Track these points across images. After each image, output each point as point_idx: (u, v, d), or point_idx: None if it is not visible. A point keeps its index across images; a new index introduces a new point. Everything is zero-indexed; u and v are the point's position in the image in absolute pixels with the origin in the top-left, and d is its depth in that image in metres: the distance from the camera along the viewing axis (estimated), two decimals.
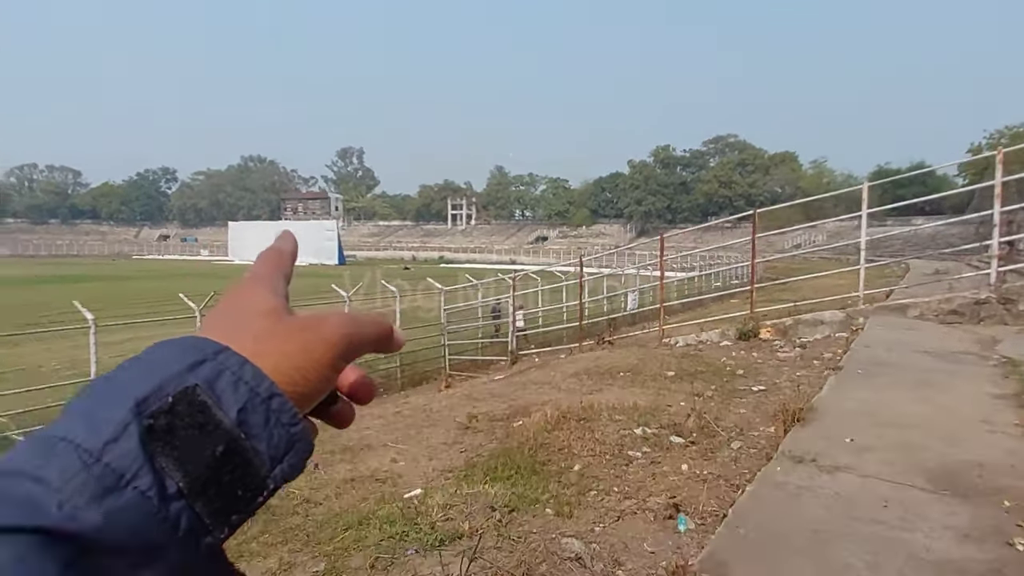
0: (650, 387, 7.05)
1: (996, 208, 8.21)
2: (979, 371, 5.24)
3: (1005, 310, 8.22)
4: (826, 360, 7.45)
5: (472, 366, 13.89)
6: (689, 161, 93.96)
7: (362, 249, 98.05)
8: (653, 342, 10.89)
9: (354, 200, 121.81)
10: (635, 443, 4.91)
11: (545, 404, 6.66)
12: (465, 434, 5.77)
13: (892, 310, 8.95)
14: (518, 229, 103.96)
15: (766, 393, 6.28)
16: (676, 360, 8.50)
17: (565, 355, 11.92)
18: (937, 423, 3.73)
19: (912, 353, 6.03)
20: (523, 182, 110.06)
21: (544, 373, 8.85)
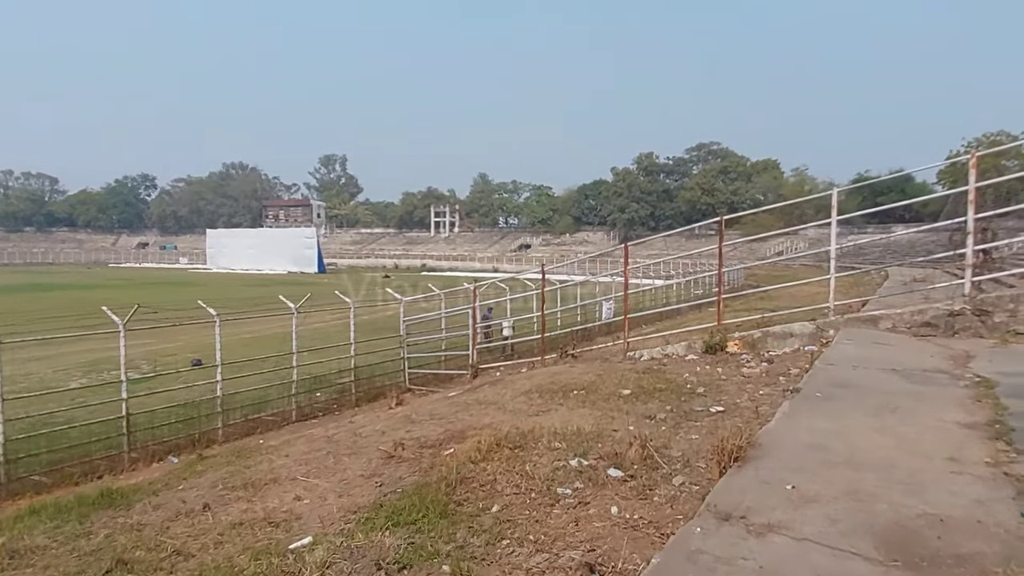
0: (601, 408, 6.52)
1: (970, 215, 7.78)
2: (949, 394, 4.75)
3: (980, 322, 7.78)
4: (792, 376, 6.96)
5: (435, 380, 13.31)
6: (672, 168, 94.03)
7: (344, 257, 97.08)
8: (618, 356, 10.38)
9: (337, 207, 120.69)
10: (567, 478, 4.36)
11: (484, 428, 6.11)
12: (388, 464, 5.20)
13: (864, 322, 8.49)
14: (501, 236, 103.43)
15: (724, 415, 5.78)
16: (636, 376, 7.99)
17: (527, 368, 11.38)
18: (897, 462, 3.21)
19: (878, 372, 5.54)
20: (506, 189, 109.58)
21: (496, 390, 8.30)
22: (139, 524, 4.26)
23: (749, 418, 5.50)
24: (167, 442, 9.19)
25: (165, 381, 11.50)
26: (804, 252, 44.96)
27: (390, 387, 12.58)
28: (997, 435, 3.68)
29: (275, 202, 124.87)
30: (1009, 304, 7.67)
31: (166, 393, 10.53)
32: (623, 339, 10.46)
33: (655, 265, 35.15)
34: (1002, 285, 8.78)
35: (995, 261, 8.15)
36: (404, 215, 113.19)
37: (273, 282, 50.53)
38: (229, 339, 16.71)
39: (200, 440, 9.32)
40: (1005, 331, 7.62)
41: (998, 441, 3.57)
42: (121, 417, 8.83)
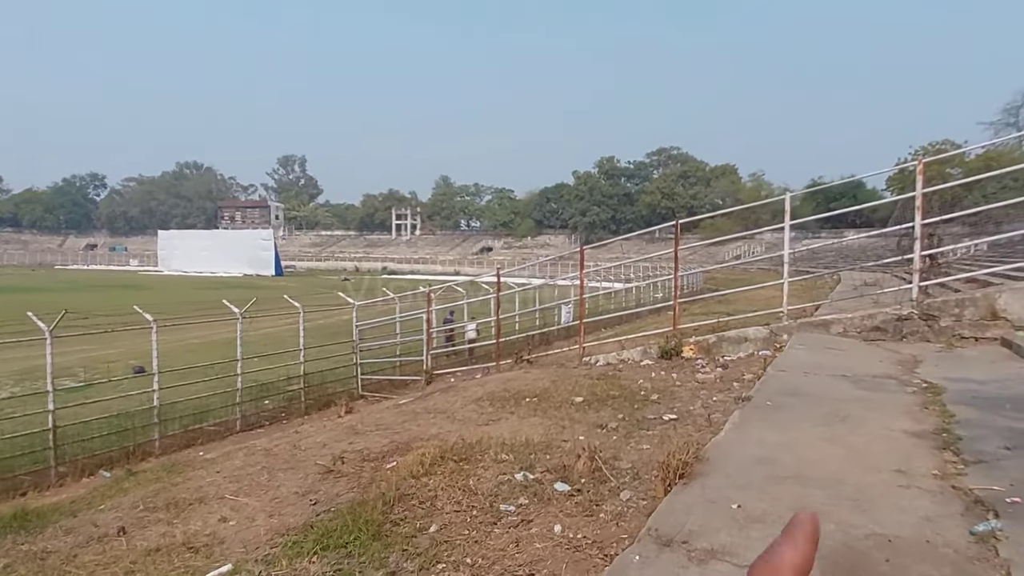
0: (552, 417, 6.35)
1: (917, 220, 7.86)
2: (897, 400, 4.70)
3: (927, 326, 7.86)
4: (745, 382, 6.90)
5: (389, 386, 12.99)
6: (633, 172, 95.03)
7: (303, 259, 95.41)
8: (574, 361, 10.25)
9: (296, 209, 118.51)
10: (512, 493, 4.16)
11: (430, 440, 5.87)
12: (325, 480, 4.93)
13: (816, 326, 8.51)
14: (463, 239, 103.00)
15: (676, 423, 5.66)
16: (590, 383, 7.85)
17: (482, 374, 11.15)
18: (846, 475, 3.09)
19: (829, 378, 5.48)
20: (468, 192, 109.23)
21: (447, 398, 8.06)
22: (44, 552, 3.90)
23: (701, 426, 5.39)
24: (99, 455, 8.68)
25: (103, 390, 10.93)
26: (761, 256, 45.81)
27: (342, 394, 12.20)
28: (944, 444, 3.61)
29: (231, 203, 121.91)
30: (955, 308, 7.77)
31: (102, 403, 9.98)
32: (579, 344, 10.32)
33: (615, 268, 35.33)
34: (948, 289, 8.93)
35: (941, 266, 8.26)
36: (365, 217, 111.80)
37: (227, 285, 49.19)
38: (174, 345, 16.08)
39: (135, 453, 8.82)
40: (951, 335, 7.71)
41: (945, 451, 3.49)
42: (48, 429, 8.29)
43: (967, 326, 7.67)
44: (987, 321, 7.61)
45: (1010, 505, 2.71)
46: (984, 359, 6.43)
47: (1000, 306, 7.57)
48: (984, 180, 33.84)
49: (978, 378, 5.40)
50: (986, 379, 5.33)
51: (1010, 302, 7.54)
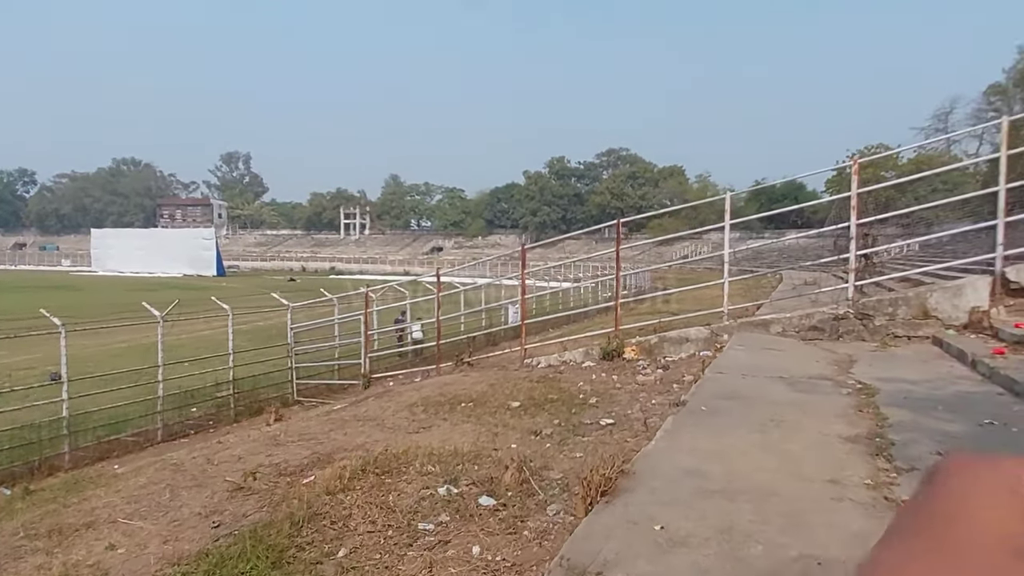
0: (486, 423, 6.08)
1: (852, 220, 7.91)
2: (833, 403, 4.61)
3: (862, 325, 7.92)
4: (685, 384, 6.78)
5: (327, 390, 12.50)
6: (583, 173, 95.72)
7: (247, 259, 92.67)
8: (516, 363, 10.02)
9: (240, 208, 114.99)
10: (433, 509, 3.87)
11: (355, 450, 5.53)
12: (233, 499, 4.54)
13: (756, 326, 8.49)
14: (413, 239, 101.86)
15: (612, 429, 5.47)
16: (529, 386, 7.63)
17: (421, 377, 10.81)
18: (777, 487, 2.91)
19: (766, 380, 5.38)
20: (418, 191, 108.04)
21: (380, 404, 7.70)
22: None
23: (637, 431, 5.21)
24: (1, 471, 8.00)
25: (11, 399, 10.13)
26: (707, 255, 46.64)
27: (276, 400, 11.66)
28: (878, 450, 3.49)
29: (171, 201, 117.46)
30: (888, 308, 7.84)
31: (10, 413, 9.23)
32: (521, 346, 10.10)
33: (564, 268, 35.31)
34: (882, 289, 9.04)
35: (876, 265, 8.34)
36: (312, 216, 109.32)
37: (163, 286, 47.26)
38: (96, 350, 15.20)
39: (41, 468, 8.16)
40: (885, 334, 7.77)
41: (878, 457, 3.37)
42: None
43: (900, 325, 7.75)
44: (919, 320, 7.70)
45: None
46: (916, 358, 6.46)
47: (931, 305, 7.67)
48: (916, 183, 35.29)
49: (910, 378, 5.38)
50: (918, 379, 5.31)
51: (940, 301, 7.65)
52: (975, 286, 7.51)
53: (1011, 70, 28.72)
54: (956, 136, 44.68)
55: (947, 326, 7.56)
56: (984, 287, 7.46)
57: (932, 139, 44.02)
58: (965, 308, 7.51)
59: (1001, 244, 7.44)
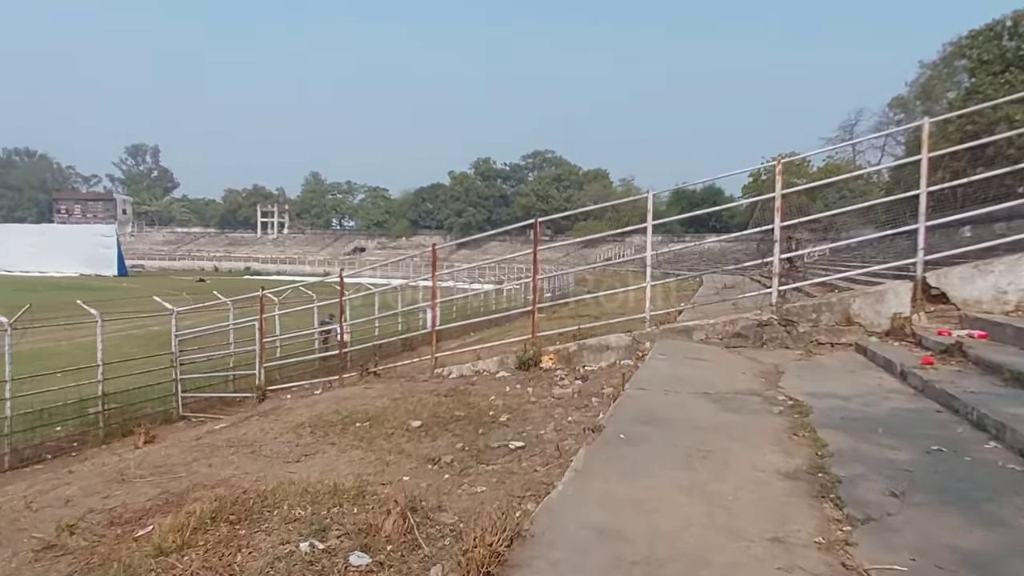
0: (380, 448, 5.30)
1: (776, 222, 7.58)
2: (764, 425, 4.09)
3: (786, 332, 7.60)
4: (605, 396, 6.21)
5: (220, 404, 11.29)
6: (509, 175, 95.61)
7: (155, 258, 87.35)
8: (426, 372, 9.25)
9: (147, 203, 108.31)
10: (289, 573, 3.07)
11: (216, 487, 4.60)
12: (38, 563, 3.56)
13: (678, 333, 8.04)
14: (335, 239, 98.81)
15: (522, 453, 4.80)
16: (435, 401, 6.89)
17: (321, 389, 9.86)
18: (709, 552, 2.29)
19: (690, 397, 4.83)
20: (340, 190, 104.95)
21: (264, 424, 6.75)
22: None
23: (549, 457, 4.56)
24: None
25: None
26: (629, 258, 47.11)
27: (159, 415, 10.40)
28: (823, 490, 2.95)
29: (69, 194, 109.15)
30: (812, 314, 7.55)
31: None
32: (431, 355, 9.32)
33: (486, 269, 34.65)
34: (803, 294, 8.81)
35: (799, 269, 8.06)
36: (227, 214, 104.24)
37: (53, 287, 43.50)
38: None
39: None
40: (808, 341, 7.48)
41: (825, 501, 2.82)
42: None
43: (824, 332, 7.47)
44: (842, 327, 7.44)
45: None
46: (843, 368, 6.11)
47: (854, 311, 7.42)
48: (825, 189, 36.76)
49: (842, 393, 4.97)
50: (850, 394, 4.90)
51: (863, 307, 7.41)
52: (896, 292, 7.31)
53: (912, 84, 30.29)
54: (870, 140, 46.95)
55: (869, 333, 7.33)
56: (906, 293, 7.26)
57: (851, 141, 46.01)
58: (887, 314, 7.30)
59: (922, 248, 7.27)
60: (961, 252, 7.68)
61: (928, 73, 27.69)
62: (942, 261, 7.39)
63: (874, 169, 18.52)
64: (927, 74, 27.97)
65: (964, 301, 7.11)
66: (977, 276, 7.08)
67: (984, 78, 21.26)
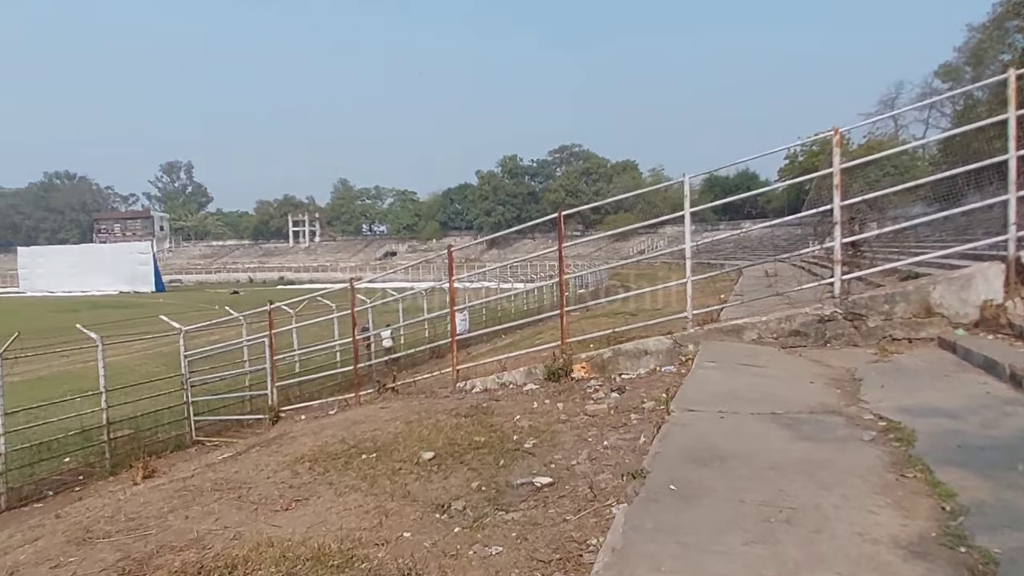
0: (381, 490, 4.50)
1: (836, 201, 6.55)
2: (857, 460, 3.16)
3: (853, 328, 6.57)
4: (645, 413, 5.33)
5: (236, 427, 10.68)
6: (536, 171, 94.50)
7: (192, 272, 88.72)
8: (449, 386, 8.46)
9: (183, 219, 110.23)
10: None
11: (186, 548, 3.85)
12: None
13: (726, 333, 7.08)
14: (366, 245, 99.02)
15: (549, 495, 3.96)
16: (454, 423, 6.08)
17: (337, 408, 9.14)
18: None
19: (753, 421, 3.90)
20: (369, 195, 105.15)
21: (258, 459, 6.01)
22: None
23: (582, 500, 3.71)
24: None
25: None
26: (665, 250, 45.72)
27: (172, 441, 9.82)
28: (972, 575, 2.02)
29: (109, 215, 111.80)
30: (884, 305, 6.51)
31: None
32: (452, 367, 8.52)
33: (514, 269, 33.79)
34: (868, 284, 7.75)
35: (865, 255, 7.03)
36: (259, 225, 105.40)
37: (94, 305, 44.15)
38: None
39: None
40: (880, 337, 6.45)
41: None
42: None
43: (899, 326, 6.43)
44: (920, 319, 6.39)
45: None
46: (932, 371, 5.10)
47: (935, 300, 6.36)
48: (867, 167, 34.91)
49: (945, 407, 3.98)
50: (956, 409, 3.91)
51: (945, 295, 6.34)
52: (986, 275, 6.23)
53: (962, 47, 28.37)
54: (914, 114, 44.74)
55: (955, 324, 6.26)
56: (997, 276, 6.18)
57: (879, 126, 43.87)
58: (975, 302, 6.23)
59: (1014, 224, 6.17)
60: None
61: (978, 36, 25.90)
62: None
63: (948, 135, 16.94)
64: (977, 37, 26.17)
65: None
66: None
67: None
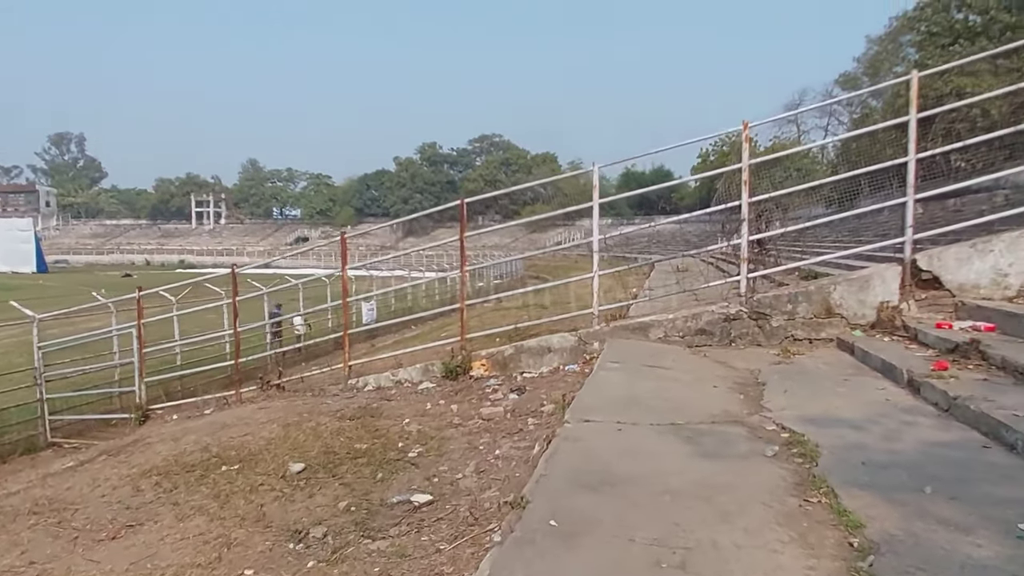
0: (234, 511, 3.89)
1: (744, 197, 6.39)
2: (760, 482, 2.85)
3: (757, 327, 6.44)
4: (544, 417, 4.94)
5: (102, 426, 9.56)
6: (456, 159, 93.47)
7: (81, 253, 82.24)
8: (340, 383, 7.82)
9: (72, 195, 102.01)
10: None
11: None
12: None
13: (633, 331, 6.81)
14: (276, 229, 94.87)
15: (425, 518, 3.49)
16: (336, 427, 5.50)
17: (215, 406, 8.30)
18: None
19: (653, 435, 3.56)
20: (280, 177, 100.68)
21: (104, 470, 5.23)
22: None
23: (461, 525, 3.26)
24: None
25: None
26: (580, 241, 46.00)
27: (21, 443, 8.64)
28: None
29: None
30: (787, 305, 6.41)
31: None
32: (344, 363, 7.86)
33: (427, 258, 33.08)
34: (773, 283, 7.70)
35: (769, 253, 6.93)
36: (159, 204, 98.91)
37: None
38: None
39: None
40: (783, 337, 6.35)
41: None
42: None
43: (801, 326, 6.34)
44: (821, 319, 6.33)
45: None
46: (834, 375, 4.95)
47: (835, 301, 6.31)
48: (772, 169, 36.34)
49: (846, 416, 3.78)
50: (858, 419, 3.71)
51: (845, 296, 6.30)
52: (883, 277, 6.22)
53: (861, 57, 29.90)
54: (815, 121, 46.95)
55: (853, 325, 6.23)
56: (894, 278, 6.18)
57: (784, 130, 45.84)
58: (873, 303, 6.21)
59: (910, 226, 6.19)
60: (949, 230, 6.65)
61: (875, 48, 27.30)
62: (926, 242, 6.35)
63: (850, 136, 17.72)
64: (874, 49, 27.59)
65: (960, 286, 6.08)
66: (975, 257, 6.05)
67: (932, 51, 20.76)
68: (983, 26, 19.97)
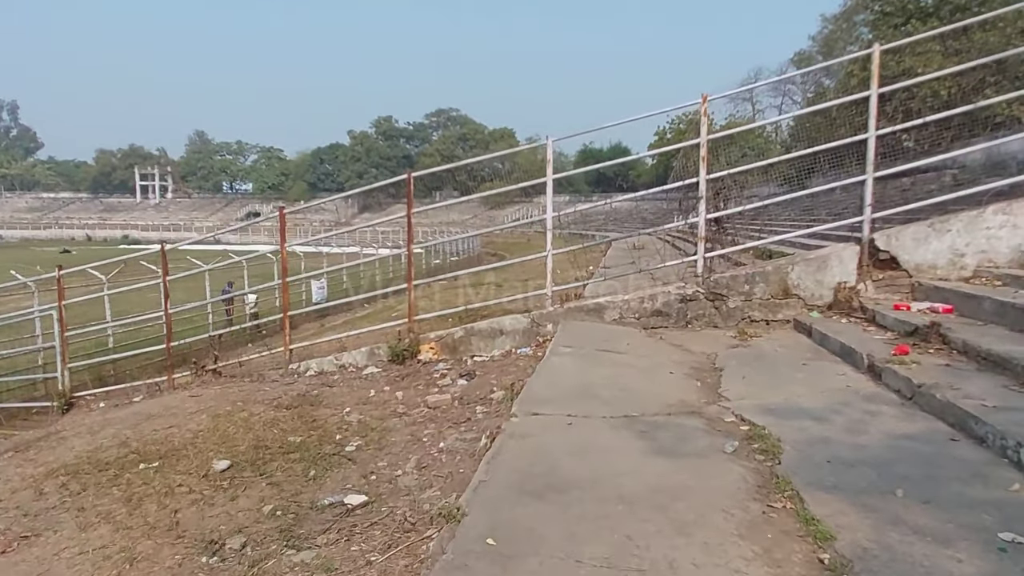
0: (145, 517, 3.49)
1: (702, 174, 6.16)
2: (719, 484, 2.61)
3: (714, 308, 6.26)
4: (493, 405, 4.66)
5: (24, 414, 8.91)
6: (412, 134, 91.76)
7: (16, 227, 78.26)
8: (282, 367, 7.40)
9: (5, 166, 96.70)
10: None
11: None
12: None
13: (587, 312, 6.56)
14: (226, 204, 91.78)
15: (359, 520, 3.19)
16: (270, 417, 5.11)
17: (146, 393, 7.78)
18: None
19: (606, 429, 3.30)
20: (230, 150, 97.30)
21: (8, 468, 4.73)
22: None
23: (396, 531, 2.94)
24: None
25: None
26: (535, 219, 45.73)
27: None
28: None
29: None
30: (744, 285, 6.24)
31: None
32: (284, 346, 7.41)
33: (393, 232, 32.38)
34: (731, 263, 7.54)
35: (727, 232, 6.73)
36: (100, 177, 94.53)
37: None
38: None
39: None
40: (740, 319, 6.19)
41: None
42: None
43: (758, 307, 6.18)
44: (779, 300, 6.18)
45: None
46: (791, 359, 4.79)
47: (792, 281, 6.17)
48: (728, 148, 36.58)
49: (807, 405, 3.59)
50: (819, 408, 3.52)
51: (803, 276, 6.16)
52: (841, 257, 6.09)
53: (816, 36, 30.10)
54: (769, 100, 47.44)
55: (810, 307, 6.10)
56: (851, 258, 6.06)
57: (739, 108, 46.18)
58: (830, 284, 6.09)
59: (869, 205, 6.05)
60: (905, 209, 6.55)
61: (830, 27, 27.46)
62: (880, 221, 6.24)
63: (806, 111, 17.82)
64: (829, 28, 27.75)
65: (917, 267, 5.99)
66: (932, 236, 5.96)
67: (885, 30, 20.92)
68: (934, 7, 20.18)
